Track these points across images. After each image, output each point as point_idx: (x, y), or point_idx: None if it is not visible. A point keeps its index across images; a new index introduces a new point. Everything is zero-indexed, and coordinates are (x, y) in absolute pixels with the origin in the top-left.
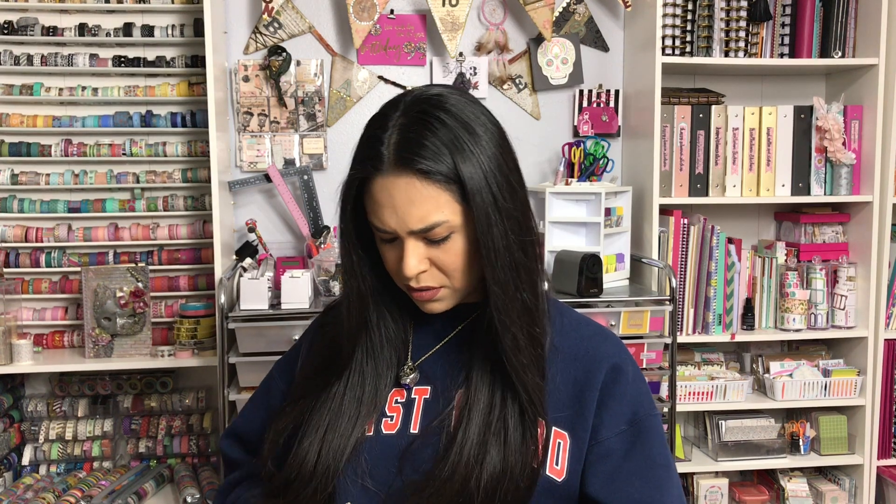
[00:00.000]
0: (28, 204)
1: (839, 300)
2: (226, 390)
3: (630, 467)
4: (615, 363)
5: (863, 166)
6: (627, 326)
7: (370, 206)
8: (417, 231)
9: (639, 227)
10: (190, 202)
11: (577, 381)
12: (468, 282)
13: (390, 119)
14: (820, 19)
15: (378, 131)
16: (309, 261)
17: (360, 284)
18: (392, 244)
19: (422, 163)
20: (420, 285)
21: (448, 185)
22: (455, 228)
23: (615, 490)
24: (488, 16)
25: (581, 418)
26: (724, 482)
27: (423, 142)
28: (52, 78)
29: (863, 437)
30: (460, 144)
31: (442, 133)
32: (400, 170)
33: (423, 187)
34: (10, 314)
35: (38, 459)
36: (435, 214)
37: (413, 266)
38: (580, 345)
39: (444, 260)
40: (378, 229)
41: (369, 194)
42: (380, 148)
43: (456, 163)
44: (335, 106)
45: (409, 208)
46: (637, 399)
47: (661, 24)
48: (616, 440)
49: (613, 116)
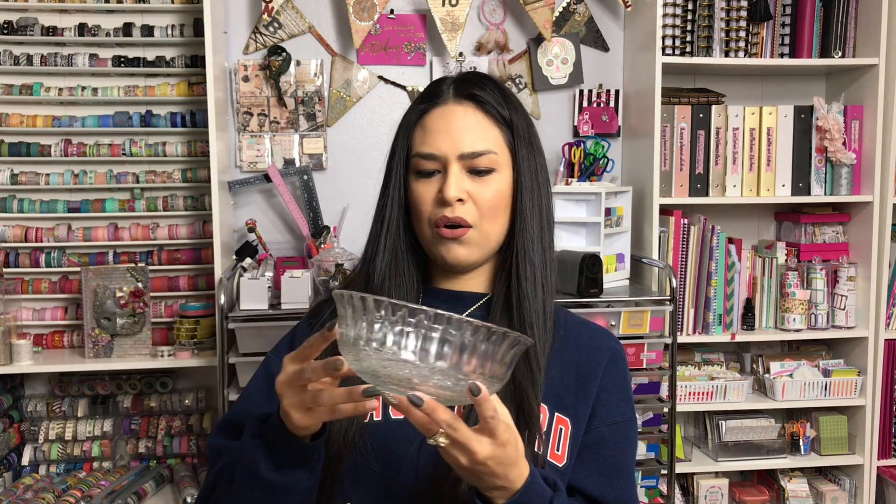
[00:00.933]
0: (28, 204)
1: (839, 300)
2: (226, 390)
3: (619, 462)
4: (615, 354)
5: (863, 166)
6: (627, 326)
7: (420, 138)
8: (467, 154)
9: (639, 227)
10: (190, 202)
11: (580, 368)
12: (495, 231)
13: (445, 80)
14: (820, 19)
15: (437, 83)
16: (309, 261)
17: (389, 227)
18: (431, 179)
19: (481, 96)
20: (455, 215)
21: (499, 125)
22: (498, 166)
23: (601, 484)
24: (488, 16)
25: (583, 404)
26: (725, 482)
27: (481, 83)
28: (51, 78)
29: (863, 437)
30: (509, 100)
31: (494, 87)
32: (459, 100)
33: (479, 117)
34: (10, 314)
35: (37, 459)
36: (486, 142)
37: (455, 189)
38: (584, 335)
39: (481, 195)
40: (425, 157)
41: (422, 127)
42: (441, 88)
43: (508, 109)
44: (335, 106)
45: (464, 133)
46: (630, 397)
47: (661, 24)
48: (608, 430)
49: (613, 116)
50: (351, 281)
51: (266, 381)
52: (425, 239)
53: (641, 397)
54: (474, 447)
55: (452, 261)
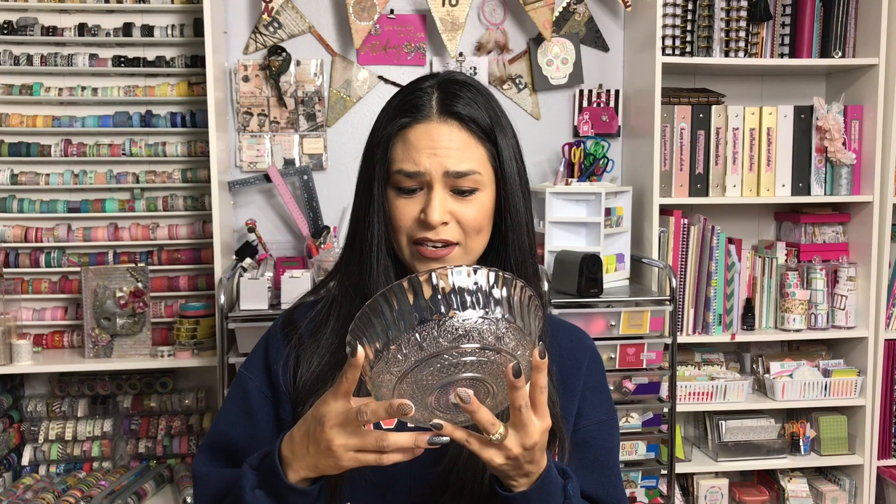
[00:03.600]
0: (28, 204)
1: (839, 300)
2: (225, 390)
3: (609, 460)
4: (593, 353)
5: (863, 166)
6: (627, 326)
7: (403, 154)
8: (452, 174)
9: (639, 227)
10: (190, 202)
11: (563, 368)
12: (478, 246)
13: (426, 82)
14: (820, 19)
15: (416, 91)
16: (309, 261)
17: (378, 243)
18: (412, 197)
19: (466, 115)
20: (438, 237)
21: (484, 143)
22: (482, 185)
23: (594, 482)
24: (488, 16)
25: (570, 404)
26: (725, 482)
27: (466, 97)
28: (51, 78)
29: (863, 437)
30: (494, 113)
31: (480, 98)
32: (445, 118)
33: (464, 136)
34: (10, 314)
35: (37, 460)
36: (471, 162)
37: (440, 213)
38: (564, 336)
39: (465, 214)
40: (408, 175)
41: (404, 142)
42: (423, 99)
43: (493, 125)
44: (335, 106)
45: (449, 151)
46: (609, 394)
47: (661, 24)
48: (595, 428)
49: (613, 116)
50: (337, 299)
51: (242, 399)
52: (402, 252)
53: (641, 397)
54: (530, 429)
55: None
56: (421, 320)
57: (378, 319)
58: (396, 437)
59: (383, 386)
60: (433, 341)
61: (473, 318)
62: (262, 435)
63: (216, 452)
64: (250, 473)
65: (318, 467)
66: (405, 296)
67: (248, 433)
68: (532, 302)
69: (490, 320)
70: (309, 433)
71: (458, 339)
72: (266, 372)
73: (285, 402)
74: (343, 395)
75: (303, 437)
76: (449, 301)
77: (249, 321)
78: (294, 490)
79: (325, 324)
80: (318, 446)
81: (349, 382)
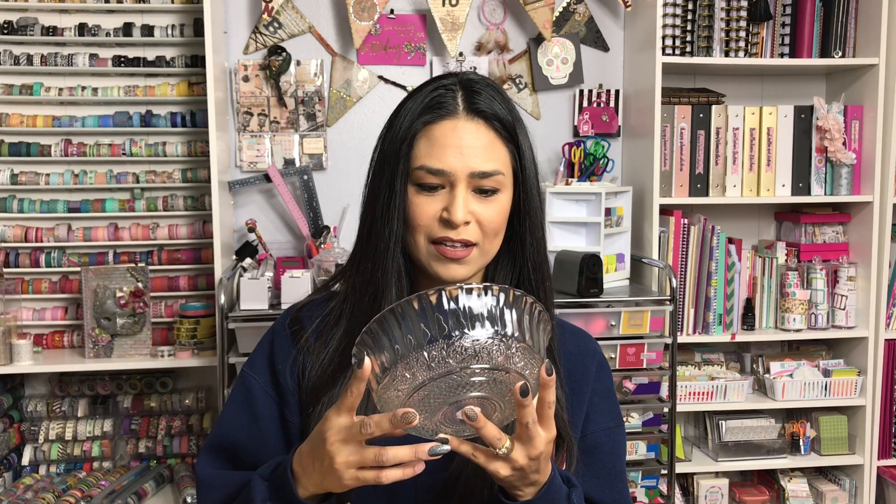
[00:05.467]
0: (28, 204)
1: (839, 300)
2: (226, 390)
3: (617, 467)
4: (601, 358)
5: (863, 166)
6: (628, 326)
7: (427, 150)
8: (478, 174)
9: (639, 227)
10: (190, 202)
11: (571, 374)
12: (494, 248)
13: (447, 80)
14: (820, 19)
15: (440, 89)
16: (309, 261)
17: (396, 240)
18: (434, 194)
19: (491, 114)
20: (459, 237)
21: (507, 144)
22: (504, 186)
23: (601, 489)
24: (488, 16)
25: (578, 410)
26: (725, 482)
27: (491, 98)
28: (51, 78)
29: (863, 437)
30: (516, 114)
31: (501, 99)
32: (471, 116)
33: (490, 136)
34: (10, 314)
35: (37, 459)
36: (496, 162)
37: (463, 212)
38: (571, 341)
39: (486, 215)
40: (432, 171)
41: (428, 138)
42: (448, 97)
43: (515, 125)
44: (335, 106)
45: (475, 150)
46: (616, 400)
47: (662, 24)
48: (604, 435)
49: (613, 116)
50: (349, 298)
51: (246, 400)
52: (419, 251)
53: (641, 397)
54: (536, 441)
55: (449, 278)
56: (430, 339)
57: (386, 335)
58: (396, 451)
59: (390, 403)
60: (442, 361)
61: (483, 337)
62: (266, 436)
63: (220, 454)
64: (261, 484)
65: (324, 485)
66: (414, 313)
67: (252, 434)
68: (541, 317)
69: (499, 340)
70: (314, 449)
71: (467, 359)
72: (271, 371)
73: (291, 402)
74: (347, 410)
75: (309, 453)
76: (458, 320)
77: (249, 321)
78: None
79: (335, 323)
80: (321, 463)
81: (353, 397)
